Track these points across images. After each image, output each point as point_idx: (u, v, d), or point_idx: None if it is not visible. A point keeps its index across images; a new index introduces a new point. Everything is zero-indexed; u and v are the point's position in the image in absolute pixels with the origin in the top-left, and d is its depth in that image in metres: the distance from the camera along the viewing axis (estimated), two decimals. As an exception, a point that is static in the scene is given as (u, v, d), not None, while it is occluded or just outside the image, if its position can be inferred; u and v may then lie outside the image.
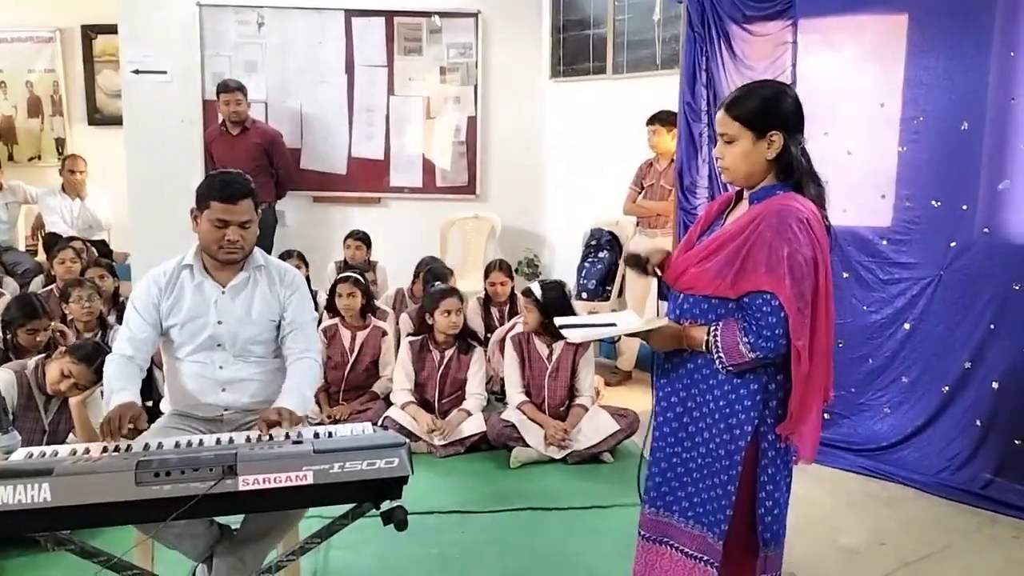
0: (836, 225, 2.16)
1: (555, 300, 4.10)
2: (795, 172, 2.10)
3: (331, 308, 4.55)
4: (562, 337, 3.01)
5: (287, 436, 2.17)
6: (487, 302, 5.27)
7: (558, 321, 2.36)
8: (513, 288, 5.28)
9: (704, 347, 2.13)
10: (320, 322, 4.30)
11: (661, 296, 2.36)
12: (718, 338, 2.09)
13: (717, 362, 2.10)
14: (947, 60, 3.67)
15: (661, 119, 5.22)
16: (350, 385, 4.44)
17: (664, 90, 5.25)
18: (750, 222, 2.07)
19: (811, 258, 2.02)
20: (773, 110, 2.09)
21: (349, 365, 4.44)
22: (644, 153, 5.42)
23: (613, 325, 2.29)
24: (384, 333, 4.49)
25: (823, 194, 2.15)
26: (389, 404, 4.28)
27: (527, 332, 4.18)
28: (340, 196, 6.66)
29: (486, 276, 5.27)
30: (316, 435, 2.15)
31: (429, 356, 4.25)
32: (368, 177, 6.67)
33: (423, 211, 6.68)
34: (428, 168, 6.73)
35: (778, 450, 2.15)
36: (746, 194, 2.19)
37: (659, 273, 2.32)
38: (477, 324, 5.17)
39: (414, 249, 5.96)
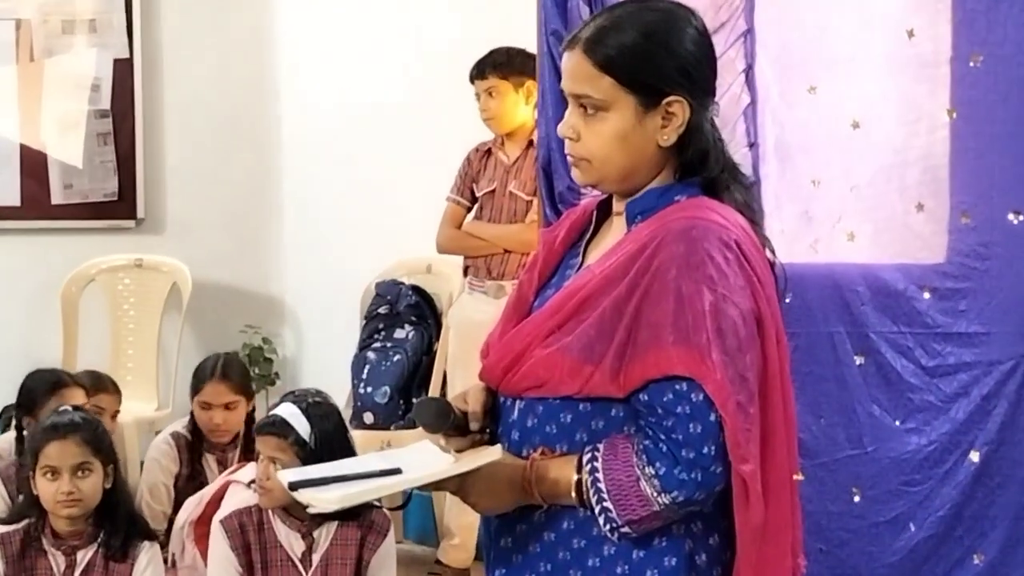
0: (837, 262, 2.22)
1: (333, 438, 4.09)
2: (709, 164, 2.25)
3: None
4: (332, 513, 2.94)
5: None
6: (194, 443, 5.24)
7: (285, 477, 2.36)
8: (252, 414, 5.22)
9: (574, 495, 2.18)
10: None
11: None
12: (599, 476, 2.15)
13: (602, 521, 2.16)
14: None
15: (499, 66, 5.29)
16: None
17: (507, 7, 5.37)
18: (637, 254, 2.17)
19: (751, 312, 2.15)
20: (668, 53, 2.22)
21: None
22: (475, 132, 5.53)
23: (397, 472, 2.33)
24: None
25: (753, 202, 2.31)
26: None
27: (263, 507, 4.13)
28: None
29: (195, 392, 5.20)
30: None
31: (42, 562, 4.11)
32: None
33: (26, 255, 6.61)
34: (33, 167, 6.66)
35: None
36: (620, 206, 2.32)
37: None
38: (162, 495, 5.09)
39: (7, 331, 5.82)
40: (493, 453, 2.25)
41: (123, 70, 6.71)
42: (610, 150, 2.23)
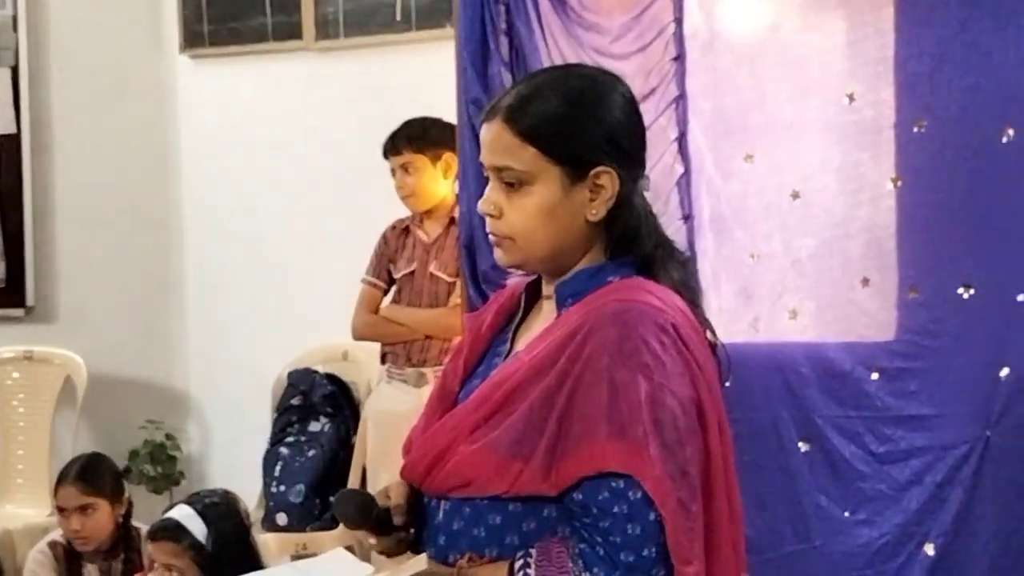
0: (779, 342, 2.22)
1: (233, 541, 4.07)
2: (641, 241, 2.26)
3: None
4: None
5: None
6: (73, 552, 5.10)
7: None
8: (127, 517, 5.11)
9: None
10: None
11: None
12: None
13: None
14: (971, 16, 3.97)
15: (415, 139, 5.29)
16: None
17: (422, 74, 5.42)
18: (567, 340, 2.17)
19: (691, 400, 2.15)
20: (594, 121, 2.24)
21: None
22: (391, 208, 5.51)
23: None
24: None
25: (691, 280, 2.32)
26: None
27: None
28: None
29: (58, 493, 5.11)
30: None
31: None
32: None
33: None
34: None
35: None
36: (549, 288, 2.32)
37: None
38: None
39: None
40: (418, 563, 2.23)
41: (10, 146, 6.63)
42: (535, 226, 2.23)
